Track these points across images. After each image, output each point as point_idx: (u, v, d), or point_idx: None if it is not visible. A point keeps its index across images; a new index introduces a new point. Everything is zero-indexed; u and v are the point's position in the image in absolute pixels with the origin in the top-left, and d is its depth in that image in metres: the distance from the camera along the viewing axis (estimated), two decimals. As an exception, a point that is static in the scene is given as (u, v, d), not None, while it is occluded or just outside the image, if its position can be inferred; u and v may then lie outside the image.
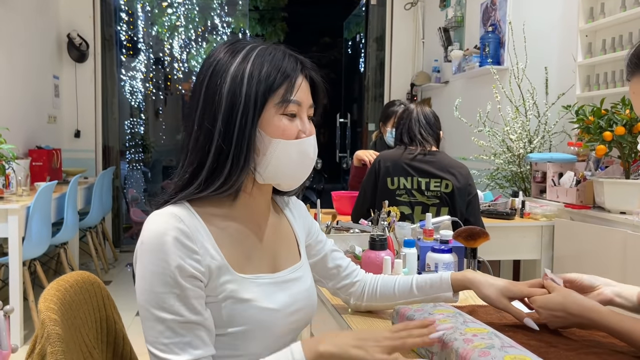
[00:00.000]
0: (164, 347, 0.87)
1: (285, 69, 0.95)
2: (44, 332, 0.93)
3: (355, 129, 6.94)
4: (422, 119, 2.42)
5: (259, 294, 0.95)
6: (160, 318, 0.87)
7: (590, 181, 2.67)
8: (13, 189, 3.45)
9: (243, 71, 0.93)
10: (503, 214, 2.91)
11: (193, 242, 0.90)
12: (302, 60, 0.99)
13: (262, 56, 0.95)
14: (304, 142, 0.97)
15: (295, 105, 0.96)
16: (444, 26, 4.96)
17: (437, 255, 1.52)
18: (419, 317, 1.04)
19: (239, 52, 0.96)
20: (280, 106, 0.94)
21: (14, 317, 3.03)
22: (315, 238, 1.19)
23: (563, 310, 1.08)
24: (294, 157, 0.96)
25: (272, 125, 0.94)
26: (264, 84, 0.93)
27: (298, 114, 0.97)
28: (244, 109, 0.92)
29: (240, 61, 0.94)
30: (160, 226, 0.90)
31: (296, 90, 0.95)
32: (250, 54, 0.95)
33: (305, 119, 0.99)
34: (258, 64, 0.94)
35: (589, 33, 3.08)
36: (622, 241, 2.33)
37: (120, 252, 5.61)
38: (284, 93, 0.94)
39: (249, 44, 0.98)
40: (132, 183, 7.69)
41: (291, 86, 0.95)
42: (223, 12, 7.90)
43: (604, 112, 2.44)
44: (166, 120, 8.54)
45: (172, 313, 0.87)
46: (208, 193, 0.94)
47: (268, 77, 0.93)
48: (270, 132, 0.94)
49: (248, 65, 0.94)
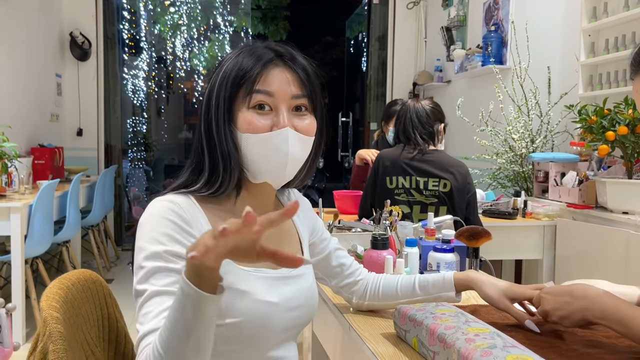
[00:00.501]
0: (142, 317, 0.86)
1: (249, 62, 0.94)
2: (46, 330, 0.94)
3: (357, 128, 6.93)
4: (415, 119, 2.41)
5: (258, 287, 0.95)
6: (140, 291, 0.87)
7: (593, 181, 2.66)
8: (15, 187, 3.45)
9: (217, 77, 0.97)
10: (505, 214, 2.91)
11: (190, 227, 0.92)
12: (278, 50, 0.96)
13: (235, 57, 0.96)
14: (275, 135, 0.93)
15: (264, 96, 0.93)
16: (446, 25, 4.95)
17: (439, 255, 1.52)
18: (420, 316, 1.04)
19: (221, 61, 0.99)
20: (247, 99, 0.94)
21: (16, 315, 3.04)
22: (319, 236, 1.19)
23: (569, 294, 1.06)
24: (266, 152, 0.94)
25: (241, 120, 0.94)
26: (229, 82, 0.94)
27: (273, 105, 0.94)
28: (216, 110, 0.95)
29: (216, 70, 0.98)
30: (156, 208, 0.93)
31: (259, 80, 0.93)
32: (226, 60, 0.97)
33: (283, 110, 0.94)
34: (230, 65, 0.96)
35: (591, 32, 3.07)
36: (624, 241, 2.32)
37: (122, 251, 5.62)
38: (248, 85, 0.94)
39: (236, 50, 0.99)
40: (134, 181, 7.69)
41: (253, 78, 0.93)
42: (225, 11, 7.89)
43: (606, 112, 2.43)
44: (168, 119, 8.55)
45: (151, 284, 0.87)
46: (209, 194, 0.96)
47: (232, 73, 0.95)
48: (240, 127, 0.94)
49: (222, 71, 0.96)
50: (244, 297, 0.93)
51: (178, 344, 0.76)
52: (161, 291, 0.86)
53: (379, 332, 1.17)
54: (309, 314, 1.06)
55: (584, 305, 1.04)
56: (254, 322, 0.93)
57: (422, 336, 1.01)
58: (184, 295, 0.74)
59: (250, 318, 0.93)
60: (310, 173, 1.06)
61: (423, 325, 1.01)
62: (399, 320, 1.11)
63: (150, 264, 0.88)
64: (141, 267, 0.88)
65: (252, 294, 0.94)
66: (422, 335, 1.01)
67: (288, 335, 1.02)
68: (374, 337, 1.14)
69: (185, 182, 0.98)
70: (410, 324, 1.06)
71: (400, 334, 1.12)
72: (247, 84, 0.93)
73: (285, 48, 0.98)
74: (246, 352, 0.96)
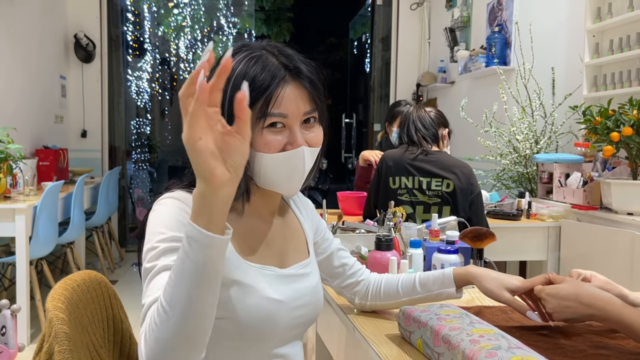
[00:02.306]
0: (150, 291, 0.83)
1: (263, 82, 0.92)
2: (52, 331, 0.94)
3: (360, 129, 6.93)
4: (418, 122, 2.45)
5: (264, 284, 0.96)
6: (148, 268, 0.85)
7: (598, 182, 2.66)
8: (20, 188, 3.47)
9: (226, 90, 0.91)
10: (509, 215, 2.90)
11: None
12: (286, 65, 0.94)
13: (245, 69, 0.93)
14: (291, 155, 0.93)
15: (278, 117, 0.93)
16: (450, 26, 4.95)
17: (443, 256, 1.52)
18: (425, 317, 1.04)
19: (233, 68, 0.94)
20: (260, 120, 0.92)
21: (21, 316, 3.05)
22: (322, 236, 1.20)
23: (575, 300, 1.04)
24: (281, 169, 0.94)
25: (255, 140, 0.92)
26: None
27: (286, 124, 0.94)
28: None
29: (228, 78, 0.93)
30: (164, 203, 0.93)
31: (274, 102, 0.92)
32: (235, 69, 0.93)
33: (296, 129, 0.94)
34: (240, 78, 0.91)
35: (596, 33, 3.07)
36: (629, 242, 2.31)
37: (126, 252, 5.63)
38: (261, 107, 0.91)
39: (240, 53, 0.96)
40: (138, 183, 7.71)
41: (268, 99, 0.92)
42: (229, 13, 7.91)
43: (611, 113, 2.43)
44: (172, 121, 8.56)
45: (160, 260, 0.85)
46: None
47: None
48: (254, 146, 0.93)
49: (230, 83, 0.92)
50: (250, 293, 0.94)
51: (185, 294, 0.73)
52: (170, 265, 0.83)
53: (383, 333, 1.17)
54: (314, 313, 1.06)
55: (589, 314, 1.03)
56: (259, 319, 0.94)
57: (426, 337, 1.01)
58: (190, 241, 0.72)
59: (255, 315, 0.93)
60: (315, 175, 1.07)
61: (427, 326, 1.01)
62: (404, 322, 1.11)
63: (160, 245, 0.86)
64: (151, 249, 0.86)
65: (258, 290, 0.94)
66: (427, 337, 1.01)
67: (293, 333, 1.03)
68: (378, 338, 1.14)
69: (189, 179, 0.97)
70: (414, 325, 1.06)
71: (404, 335, 1.11)
72: (262, 105, 0.91)
73: (289, 59, 0.95)
74: (252, 349, 0.96)
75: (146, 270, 0.86)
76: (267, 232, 1.04)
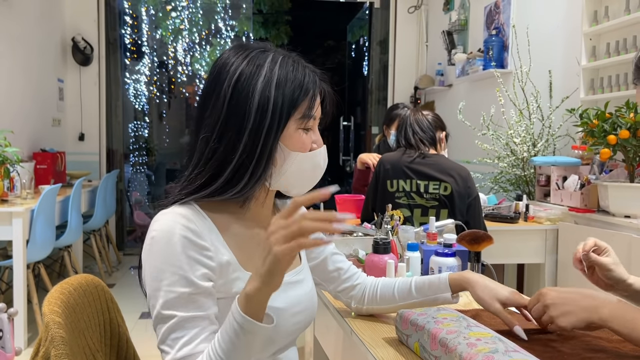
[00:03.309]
0: (172, 342, 0.87)
1: (307, 84, 0.97)
2: (48, 335, 0.94)
3: (358, 132, 6.93)
4: (416, 125, 2.46)
5: None
6: (168, 316, 0.87)
7: (595, 185, 2.66)
8: (17, 191, 3.46)
9: (269, 89, 0.93)
10: (507, 218, 2.91)
11: (203, 240, 0.91)
12: (318, 74, 1.01)
13: (285, 71, 0.96)
14: (317, 154, 1.00)
15: (312, 120, 0.99)
16: (447, 29, 4.96)
17: (440, 259, 1.52)
18: (422, 321, 1.04)
19: (262, 65, 0.95)
20: (301, 121, 0.97)
21: (18, 320, 3.04)
22: None
23: (576, 292, 1.05)
24: (307, 169, 0.99)
25: (293, 139, 0.96)
26: (288, 101, 0.94)
27: (312, 126, 1.00)
28: (270, 125, 0.93)
29: (265, 76, 0.94)
30: (168, 225, 0.90)
31: (317, 106, 0.99)
32: (274, 69, 0.95)
33: (317, 130, 1.02)
34: (283, 79, 0.95)
35: (593, 36, 3.07)
36: (626, 245, 2.32)
37: (123, 255, 5.62)
38: (305, 108, 0.96)
39: (267, 53, 0.97)
40: (135, 186, 7.70)
41: (312, 102, 0.97)
42: (227, 16, 7.91)
43: (608, 116, 2.43)
44: (170, 124, 8.55)
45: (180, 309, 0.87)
46: (220, 199, 0.95)
47: (292, 93, 0.95)
48: (291, 146, 0.96)
49: (274, 82, 0.94)
50: None
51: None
52: (190, 317, 0.88)
53: (380, 336, 1.17)
54: (310, 318, 1.07)
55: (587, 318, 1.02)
56: None
57: (423, 341, 1.01)
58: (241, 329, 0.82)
59: None
60: None
61: (425, 329, 1.01)
62: (401, 325, 1.10)
63: (175, 289, 0.88)
64: (165, 291, 0.88)
65: None
66: (424, 340, 1.01)
67: (291, 339, 1.04)
68: (376, 342, 1.14)
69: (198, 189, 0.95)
70: (412, 329, 1.06)
71: (402, 339, 1.11)
72: (306, 108, 0.97)
73: (307, 65, 1.01)
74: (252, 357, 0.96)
75: (163, 317, 0.88)
76: (261, 239, 1.03)
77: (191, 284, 0.88)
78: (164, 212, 0.93)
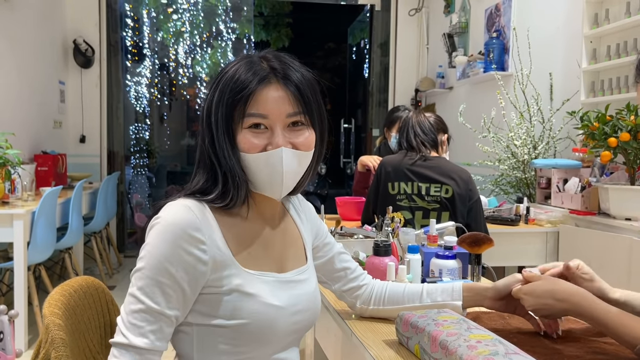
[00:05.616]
0: (131, 325, 0.89)
1: (244, 82, 0.94)
2: (49, 337, 0.94)
3: (359, 134, 6.93)
4: (418, 128, 2.45)
5: (263, 290, 0.97)
6: (139, 299, 0.90)
7: (595, 187, 2.66)
8: (18, 193, 3.46)
9: (215, 90, 0.97)
10: (508, 220, 2.90)
11: (201, 234, 0.92)
12: (273, 66, 0.96)
13: (233, 72, 0.96)
14: (269, 155, 0.95)
15: (257, 118, 0.95)
16: (448, 32, 4.97)
17: (441, 262, 1.52)
18: (422, 323, 1.04)
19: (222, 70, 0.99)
20: (240, 121, 0.95)
21: (19, 322, 3.03)
22: (323, 240, 1.20)
23: (551, 297, 1.06)
24: (262, 170, 0.96)
25: (242, 142, 0.96)
26: (224, 101, 0.95)
27: (268, 125, 0.95)
28: (216, 129, 0.96)
29: (215, 82, 0.98)
30: (172, 215, 0.93)
31: (251, 102, 0.94)
32: (224, 72, 0.98)
33: (278, 130, 0.95)
34: (227, 80, 0.96)
35: (593, 39, 3.08)
36: (627, 248, 2.32)
37: (124, 257, 5.62)
38: (240, 107, 0.94)
39: (235, 61, 0.99)
40: (136, 188, 7.70)
41: (245, 99, 0.94)
42: (228, 18, 7.92)
43: (608, 118, 2.44)
44: (171, 126, 8.56)
45: (152, 300, 0.89)
46: (223, 206, 0.97)
47: (227, 90, 0.95)
48: (241, 147, 0.96)
49: (220, 86, 0.96)
50: (251, 299, 0.95)
51: None
52: (157, 312, 0.89)
53: (380, 338, 1.17)
54: (312, 318, 1.07)
55: (564, 308, 1.06)
56: (259, 324, 0.95)
57: (424, 343, 1.01)
58: None
59: (256, 321, 0.94)
60: (311, 179, 1.07)
61: (425, 332, 1.01)
62: (401, 327, 1.10)
63: (157, 276, 0.90)
64: (147, 269, 0.90)
65: (258, 296, 0.96)
66: (424, 342, 1.01)
67: (291, 339, 1.04)
68: (376, 344, 1.14)
69: (200, 189, 0.98)
70: (412, 331, 1.06)
71: (402, 341, 1.11)
72: (240, 105, 0.94)
73: (281, 62, 0.97)
74: (251, 354, 0.97)
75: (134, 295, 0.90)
76: (268, 237, 1.04)
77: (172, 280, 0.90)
78: (170, 204, 0.96)
